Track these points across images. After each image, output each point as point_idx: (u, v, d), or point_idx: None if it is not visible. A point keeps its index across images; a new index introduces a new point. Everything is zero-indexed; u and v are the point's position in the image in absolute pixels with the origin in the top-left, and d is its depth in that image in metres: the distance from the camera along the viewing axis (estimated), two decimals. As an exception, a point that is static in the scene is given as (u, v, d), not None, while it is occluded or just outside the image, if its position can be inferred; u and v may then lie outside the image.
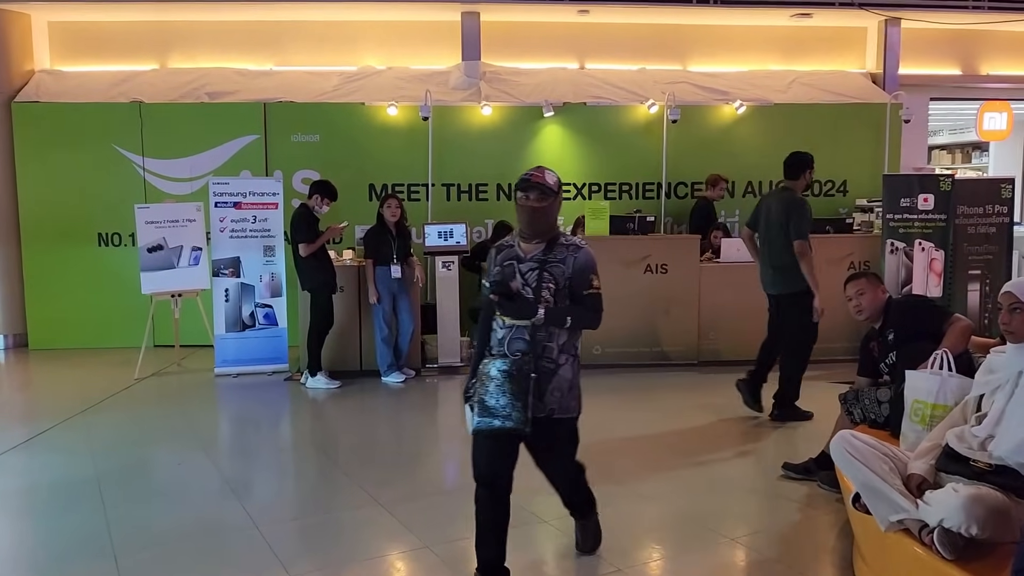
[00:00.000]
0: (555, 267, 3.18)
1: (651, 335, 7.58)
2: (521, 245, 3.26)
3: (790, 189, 5.90)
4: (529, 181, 3.16)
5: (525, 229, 3.21)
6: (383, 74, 9.17)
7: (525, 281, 3.17)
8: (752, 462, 4.92)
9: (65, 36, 9.12)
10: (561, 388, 3.24)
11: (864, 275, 4.51)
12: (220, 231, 7.38)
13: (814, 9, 9.13)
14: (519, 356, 3.14)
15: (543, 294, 3.16)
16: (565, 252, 3.21)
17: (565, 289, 3.19)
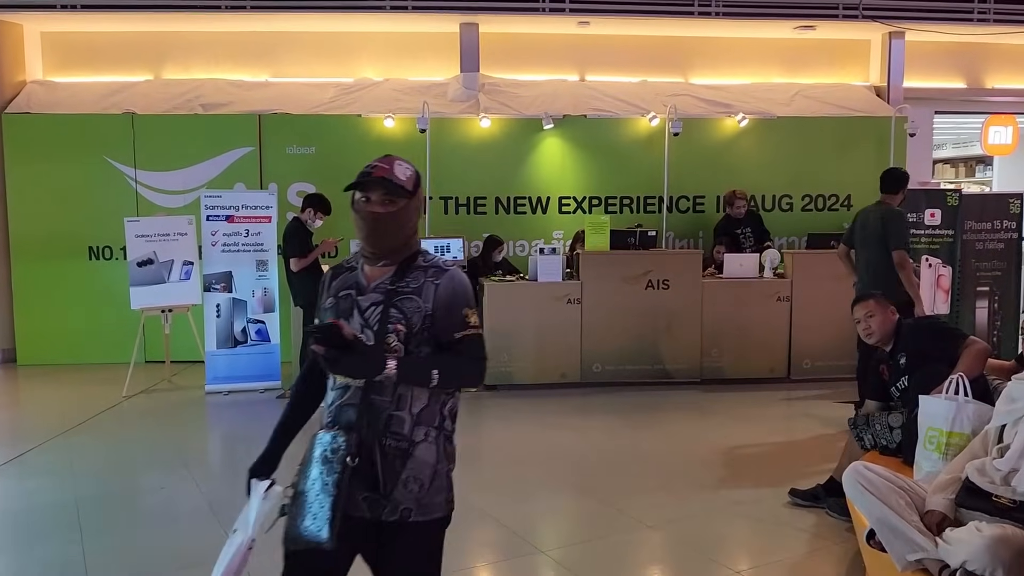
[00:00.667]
0: (407, 300, 2.18)
1: (652, 352, 7.41)
2: (365, 269, 2.29)
3: (886, 203, 5.93)
4: (370, 175, 2.23)
5: (367, 246, 2.26)
6: (380, 86, 9.04)
7: (366, 321, 2.19)
8: (758, 487, 4.74)
9: (58, 47, 9.01)
10: (419, 478, 2.28)
11: (872, 296, 4.36)
12: (212, 245, 7.23)
13: (817, 21, 9.01)
14: (345, 433, 2.17)
15: (389, 340, 2.16)
16: (423, 278, 2.22)
17: (424, 332, 2.19)
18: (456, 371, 2.25)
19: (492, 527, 4.21)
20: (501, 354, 7.24)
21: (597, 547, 3.96)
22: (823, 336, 7.53)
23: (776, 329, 7.52)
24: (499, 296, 7.28)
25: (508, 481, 4.94)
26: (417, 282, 2.21)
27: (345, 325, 2.14)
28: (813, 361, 7.55)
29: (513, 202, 8.81)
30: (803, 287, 7.50)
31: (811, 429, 6.06)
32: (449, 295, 2.20)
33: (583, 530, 4.20)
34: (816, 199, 9.08)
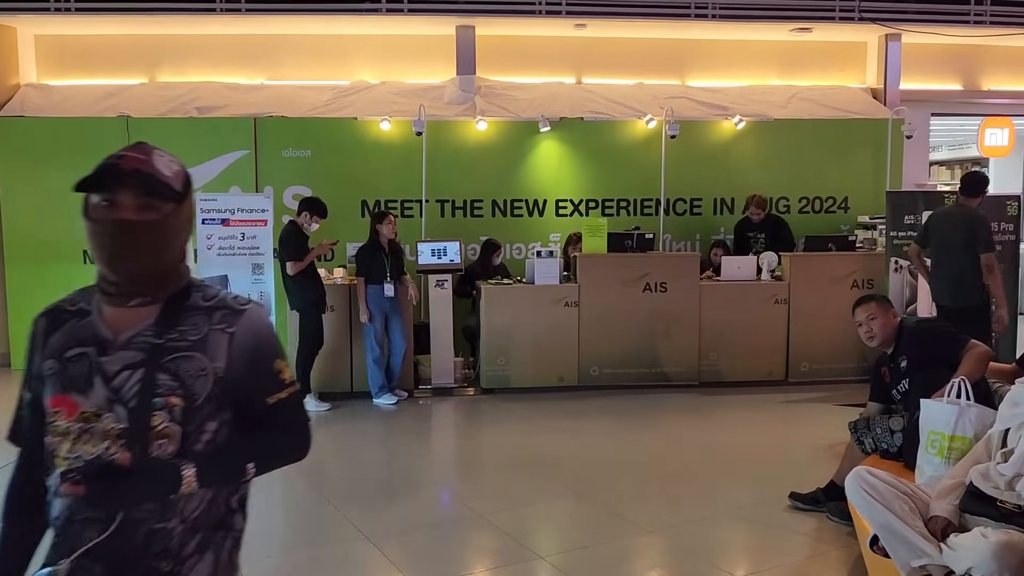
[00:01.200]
0: (184, 360, 1.51)
1: (650, 355, 7.39)
2: (105, 312, 1.57)
3: (966, 205, 6.00)
4: (118, 168, 1.56)
5: (110, 274, 1.55)
6: (376, 88, 9.01)
7: (115, 394, 1.48)
8: (757, 491, 4.72)
9: (52, 50, 8.95)
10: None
11: (874, 298, 4.34)
12: (207, 248, 7.18)
13: (814, 23, 9.00)
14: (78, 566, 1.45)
15: (155, 422, 1.47)
16: (205, 324, 1.56)
17: (213, 402, 1.53)
18: (277, 454, 1.66)
19: (490, 532, 4.18)
20: (498, 357, 7.22)
21: (596, 552, 3.93)
22: (821, 339, 7.52)
23: (774, 332, 7.51)
24: (496, 299, 7.25)
25: (506, 486, 4.92)
26: (198, 331, 1.53)
27: (124, 455, 1.43)
28: (811, 364, 7.54)
29: (510, 205, 8.78)
30: (801, 289, 7.49)
31: (810, 432, 6.03)
32: (252, 346, 1.56)
33: (582, 535, 4.17)
34: (813, 201, 9.06)
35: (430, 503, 4.78)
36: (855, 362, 7.63)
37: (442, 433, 6.59)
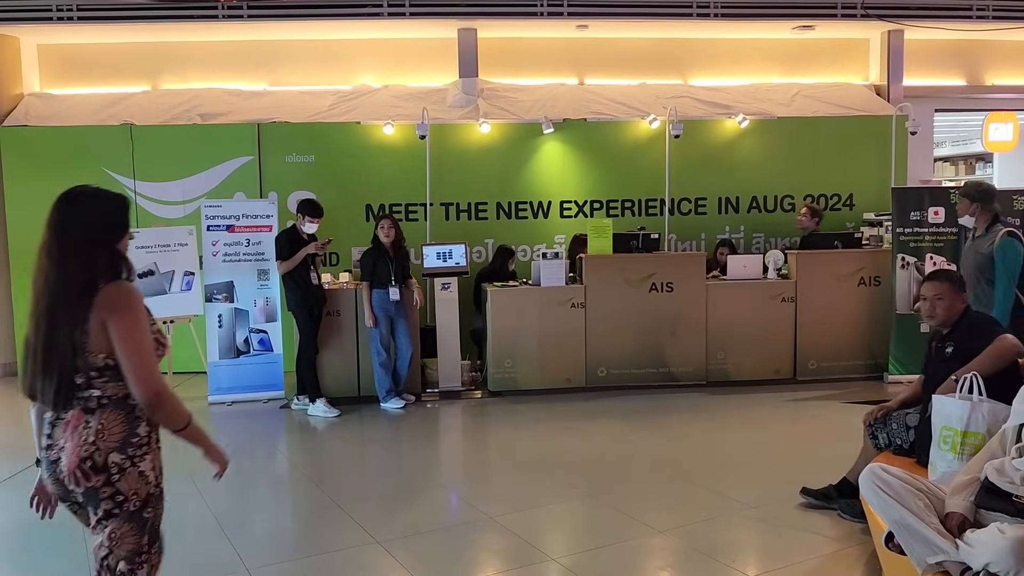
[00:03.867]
0: None
1: (657, 355, 7.37)
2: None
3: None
4: None
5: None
6: (379, 93, 9.01)
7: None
8: (768, 490, 4.69)
9: (54, 59, 8.98)
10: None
11: (948, 276, 3.97)
12: (213, 255, 7.20)
13: (816, 21, 8.99)
14: None
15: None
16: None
17: None
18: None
19: (500, 534, 4.17)
20: (505, 360, 7.21)
21: (608, 553, 3.91)
22: (829, 336, 7.50)
23: (781, 330, 7.49)
24: (503, 301, 7.24)
25: (516, 488, 4.90)
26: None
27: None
28: (819, 362, 7.52)
29: (514, 207, 8.78)
30: (807, 287, 7.47)
31: (819, 430, 6.01)
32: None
33: (593, 536, 4.15)
34: (818, 199, 9.04)
35: (439, 506, 4.76)
36: (863, 359, 7.61)
37: (450, 436, 6.57)
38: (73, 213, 2.34)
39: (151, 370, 2.27)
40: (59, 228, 2.32)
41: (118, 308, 2.26)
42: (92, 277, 2.28)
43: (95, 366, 2.28)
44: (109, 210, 2.40)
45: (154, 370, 2.28)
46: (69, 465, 2.27)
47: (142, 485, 2.35)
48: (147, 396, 2.26)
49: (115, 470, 2.28)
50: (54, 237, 2.32)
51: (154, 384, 2.26)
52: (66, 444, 2.30)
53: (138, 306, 2.30)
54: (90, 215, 2.36)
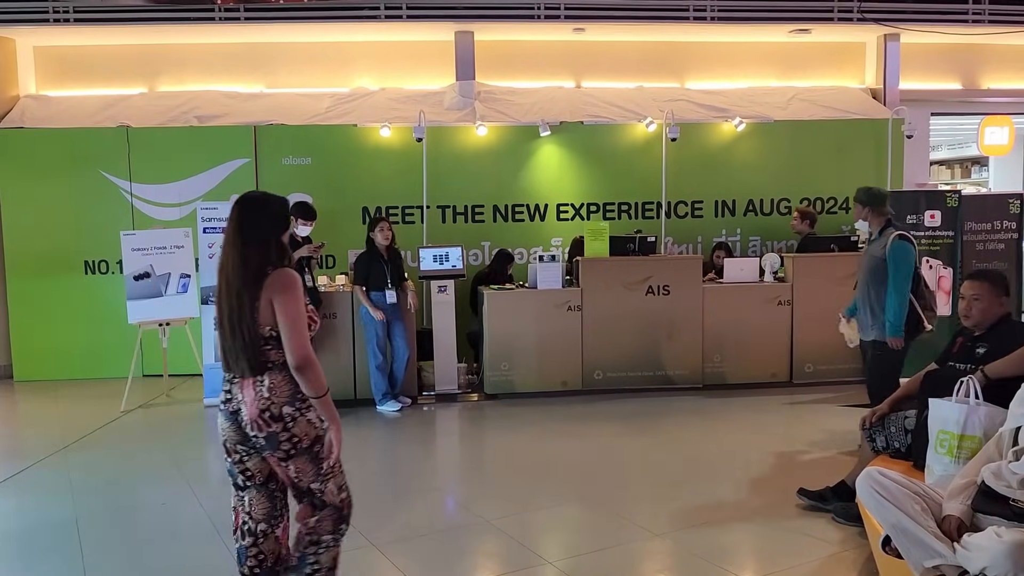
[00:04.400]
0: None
1: (654, 359, 7.37)
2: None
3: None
4: None
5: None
6: (376, 95, 9.01)
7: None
8: (764, 493, 4.70)
9: (51, 61, 8.96)
10: None
11: (988, 277, 3.83)
12: (209, 257, 7.18)
13: (813, 24, 9.01)
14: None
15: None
16: None
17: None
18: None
19: (496, 538, 4.16)
20: (501, 363, 7.20)
21: (604, 557, 3.91)
22: (825, 340, 7.46)
23: (777, 333, 7.49)
24: (499, 304, 7.23)
25: (512, 491, 4.89)
26: None
27: None
28: (815, 365, 7.52)
29: (511, 210, 8.78)
30: (804, 291, 7.47)
31: (815, 434, 6.01)
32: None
33: (589, 540, 4.15)
34: (815, 202, 9.06)
35: (435, 509, 4.76)
36: (859, 363, 7.58)
37: (446, 439, 6.56)
38: (250, 213, 2.91)
39: (303, 341, 2.78)
40: (240, 225, 2.88)
41: (283, 289, 2.80)
42: (264, 264, 2.83)
43: (263, 336, 2.81)
44: (276, 210, 2.99)
45: (306, 341, 2.80)
46: (250, 415, 2.82)
47: (311, 429, 2.87)
48: (298, 361, 2.76)
49: (289, 419, 2.82)
50: (237, 232, 2.88)
51: (305, 352, 2.77)
52: (244, 399, 2.83)
53: (297, 289, 2.83)
54: (262, 214, 2.93)
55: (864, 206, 5.29)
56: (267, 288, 2.80)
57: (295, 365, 2.76)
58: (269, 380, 2.82)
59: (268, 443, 2.84)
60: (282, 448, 2.84)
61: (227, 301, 2.86)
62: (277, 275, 2.83)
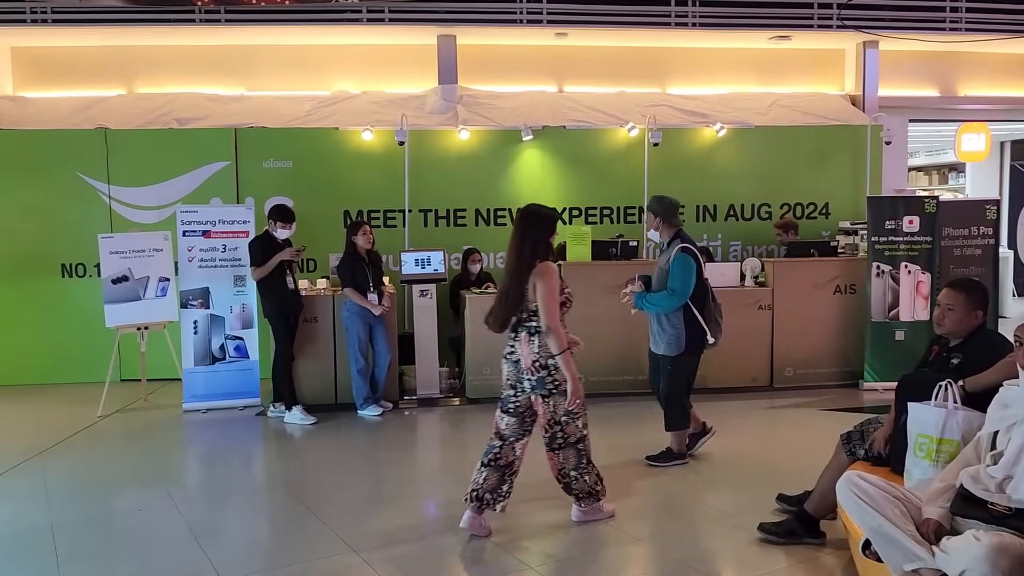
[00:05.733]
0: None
1: (635, 363, 7.37)
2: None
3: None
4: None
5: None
6: (357, 98, 8.98)
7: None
8: (743, 497, 4.71)
9: (28, 62, 8.87)
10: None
11: (967, 288, 3.76)
12: (188, 261, 7.12)
13: (793, 31, 9.09)
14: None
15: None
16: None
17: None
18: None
19: (477, 543, 4.14)
20: (483, 367, 7.18)
21: (584, 561, 3.91)
22: (805, 344, 7.56)
23: (758, 338, 7.53)
24: (480, 308, 7.19)
25: (494, 496, 4.87)
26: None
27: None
28: (796, 369, 7.57)
29: (493, 214, 8.77)
30: (784, 295, 7.52)
31: (795, 437, 6.04)
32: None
33: (570, 544, 4.14)
34: (794, 207, 9.12)
35: (417, 514, 4.73)
36: (839, 367, 7.68)
37: (428, 444, 6.53)
38: (530, 220, 4.10)
39: (553, 314, 3.97)
40: (523, 228, 4.08)
41: (543, 277, 3.98)
42: (534, 258, 4.01)
43: (530, 309, 4.03)
44: (548, 219, 4.14)
45: (554, 314, 3.97)
46: (525, 364, 4.07)
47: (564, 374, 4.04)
48: (547, 326, 3.97)
49: (552, 367, 4.04)
50: (520, 234, 4.06)
51: (552, 322, 3.96)
52: (522, 352, 4.08)
53: (554, 277, 3.99)
54: (538, 221, 4.11)
55: (656, 216, 5.32)
56: (534, 275, 3.97)
57: (545, 330, 3.96)
58: (539, 341, 4.01)
59: (537, 384, 4.06)
60: (546, 387, 4.06)
61: (507, 282, 4.06)
62: (542, 266, 3.99)
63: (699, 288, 5.19)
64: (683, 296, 5.12)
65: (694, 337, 5.21)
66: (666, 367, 5.32)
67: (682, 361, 5.28)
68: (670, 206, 5.32)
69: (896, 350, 7.36)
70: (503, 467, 4.20)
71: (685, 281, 5.09)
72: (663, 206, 5.30)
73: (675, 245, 5.18)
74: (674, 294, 5.11)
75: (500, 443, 4.22)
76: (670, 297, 5.13)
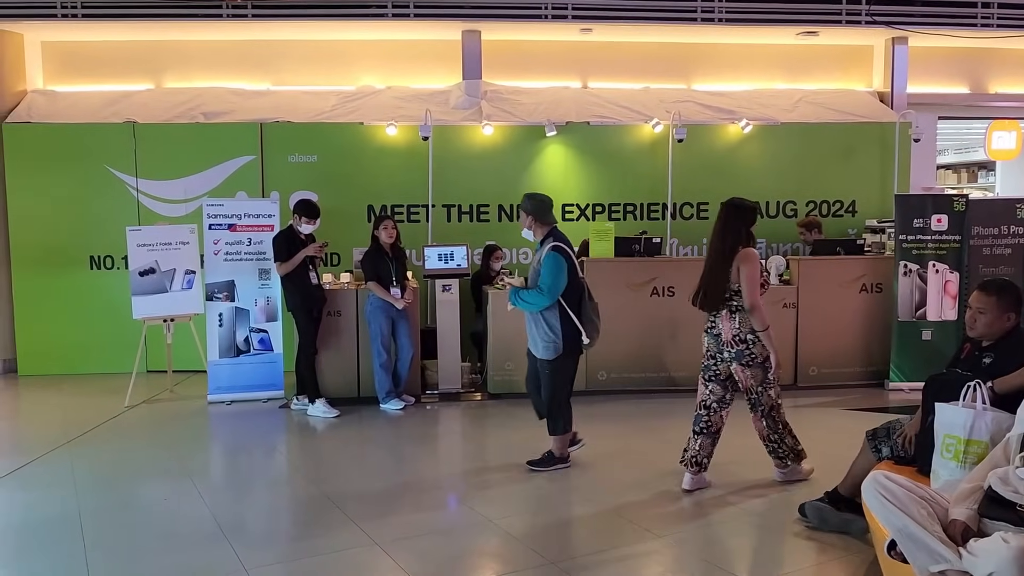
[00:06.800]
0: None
1: (658, 360, 7.36)
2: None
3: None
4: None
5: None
6: (382, 94, 9.01)
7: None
8: (767, 496, 4.68)
9: (58, 56, 8.98)
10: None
11: (998, 291, 3.69)
12: (214, 254, 7.19)
13: (820, 27, 8.99)
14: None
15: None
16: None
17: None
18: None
19: (499, 537, 4.15)
20: (505, 362, 7.19)
21: (607, 558, 3.90)
22: (830, 343, 7.49)
23: (782, 336, 7.41)
24: (502, 304, 7.19)
25: (515, 491, 4.88)
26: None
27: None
28: (820, 368, 7.51)
29: (516, 210, 8.75)
30: (809, 293, 7.45)
31: (819, 437, 5.97)
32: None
33: (592, 541, 4.14)
34: (820, 205, 9.04)
35: (438, 508, 4.75)
36: (864, 366, 7.60)
37: (449, 438, 6.55)
38: (733, 211, 4.66)
39: (755, 294, 4.50)
40: (726, 219, 4.66)
41: (746, 262, 4.53)
42: (735, 245, 4.57)
43: (732, 290, 4.55)
44: (750, 211, 4.73)
45: (756, 294, 4.50)
46: (725, 338, 4.61)
47: (763, 351, 4.58)
48: (750, 306, 4.51)
49: (751, 342, 4.57)
50: (722, 224, 4.66)
51: (754, 301, 4.50)
52: (722, 327, 4.63)
53: (756, 262, 4.54)
54: (740, 213, 4.69)
55: (528, 215, 5.21)
56: (736, 260, 4.52)
57: (748, 308, 4.50)
58: (739, 317, 4.56)
59: (736, 356, 4.60)
60: (744, 360, 4.58)
61: (710, 266, 4.61)
62: (744, 252, 4.54)
63: (574, 288, 5.09)
64: (553, 295, 5.00)
65: (570, 339, 5.09)
66: (544, 371, 5.18)
67: (559, 364, 5.13)
68: (542, 204, 5.21)
69: (923, 350, 7.27)
70: (714, 433, 4.78)
71: (555, 279, 4.98)
72: (535, 204, 5.19)
73: (547, 244, 5.08)
74: (543, 292, 4.99)
75: (707, 412, 4.75)
76: (539, 295, 5.01)
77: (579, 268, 5.19)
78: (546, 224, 5.19)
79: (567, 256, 5.05)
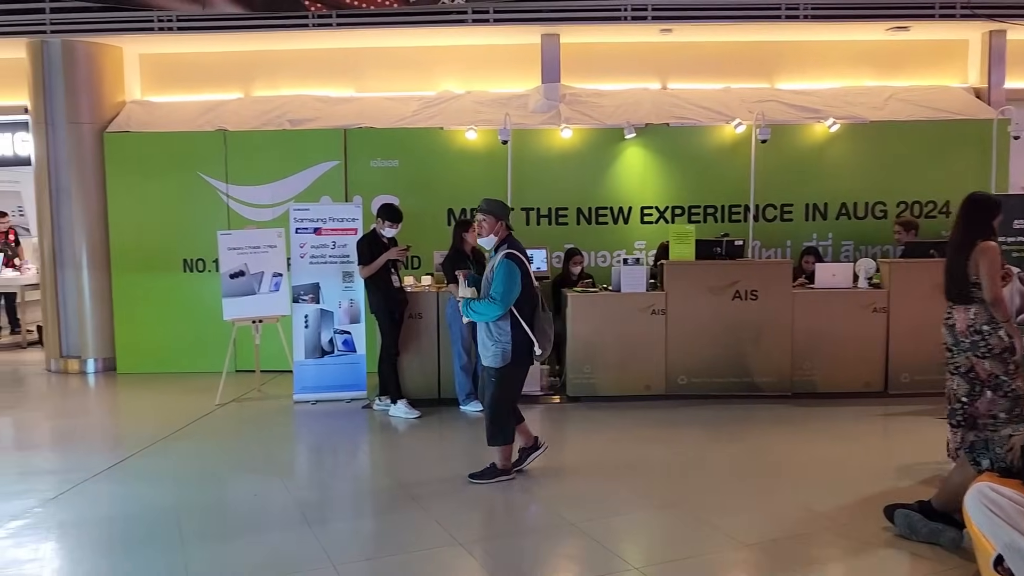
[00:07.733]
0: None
1: (740, 365, 7.21)
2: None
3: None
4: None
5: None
6: (462, 98, 9.10)
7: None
8: (857, 507, 4.53)
9: (155, 68, 9.38)
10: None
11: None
12: (300, 257, 7.38)
13: (912, 21, 8.66)
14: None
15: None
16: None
17: None
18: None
19: (580, 540, 4.14)
20: (584, 365, 7.17)
21: (689, 564, 3.84)
22: (924, 349, 7.16)
23: (872, 341, 7.23)
24: (582, 307, 7.20)
25: (595, 494, 4.85)
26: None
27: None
28: (912, 375, 7.22)
29: (595, 212, 8.74)
30: (901, 298, 7.19)
31: (911, 447, 5.76)
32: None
33: (674, 546, 4.08)
34: (912, 206, 8.72)
35: (519, 510, 4.76)
36: (959, 374, 7.27)
37: (528, 441, 6.55)
38: (973, 206, 4.77)
39: (995, 287, 4.56)
40: (967, 213, 4.76)
41: (985, 255, 4.60)
42: (974, 238, 4.65)
43: (972, 281, 4.64)
44: (991, 204, 4.78)
45: (996, 287, 4.57)
46: (960, 327, 4.73)
47: (1000, 341, 4.65)
48: (991, 299, 4.59)
49: (987, 333, 4.65)
50: (964, 217, 4.76)
51: (996, 294, 4.57)
52: (957, 317, 4.75)
53: (996, 255, 4.60)
54: (979, 207, 4.77)
55: (491, 216, 4.99)
56: (974, 252, 4.61)
57: (990, 300, 4.58)
58: (974, 308, 4.67)
59: (971, 347, 4.70)
60: (980, 351, 4.67)
61: (949, 256, 4.78)
62: (983, 245, 4.61)
63: (528, 297, 4.93)
64: (504, 304, 4.83)
65: (521, 348, 4.91)
66: (490, 379, 5.02)
67: (507, 373, 4.96)
68: (504, 206, 5.08)
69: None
70: (973, 421, 4.89)
71: (508, 288, 4.81)
72: (497, 206, 5.04)
73: (501, 251, 4.92)
74: (495, 301, 4.82)
75: (961, 406, 4.83)
76: (491, 305, 4.84)
77: (533, 277, 5.05)
78: (507, 228, 5.08)
79: (520, 264, 4.92)
